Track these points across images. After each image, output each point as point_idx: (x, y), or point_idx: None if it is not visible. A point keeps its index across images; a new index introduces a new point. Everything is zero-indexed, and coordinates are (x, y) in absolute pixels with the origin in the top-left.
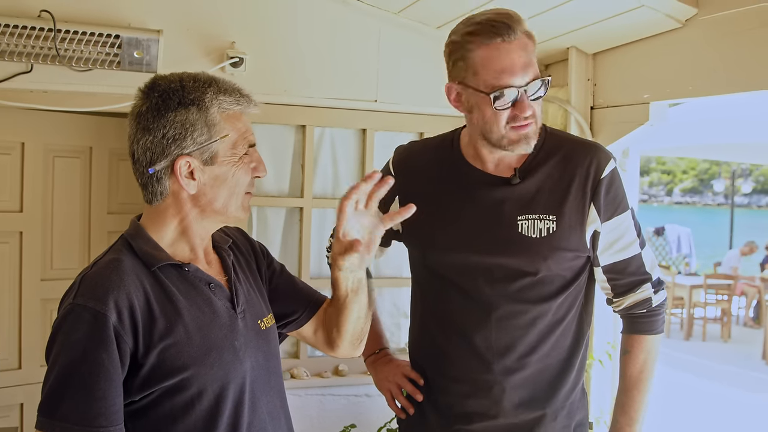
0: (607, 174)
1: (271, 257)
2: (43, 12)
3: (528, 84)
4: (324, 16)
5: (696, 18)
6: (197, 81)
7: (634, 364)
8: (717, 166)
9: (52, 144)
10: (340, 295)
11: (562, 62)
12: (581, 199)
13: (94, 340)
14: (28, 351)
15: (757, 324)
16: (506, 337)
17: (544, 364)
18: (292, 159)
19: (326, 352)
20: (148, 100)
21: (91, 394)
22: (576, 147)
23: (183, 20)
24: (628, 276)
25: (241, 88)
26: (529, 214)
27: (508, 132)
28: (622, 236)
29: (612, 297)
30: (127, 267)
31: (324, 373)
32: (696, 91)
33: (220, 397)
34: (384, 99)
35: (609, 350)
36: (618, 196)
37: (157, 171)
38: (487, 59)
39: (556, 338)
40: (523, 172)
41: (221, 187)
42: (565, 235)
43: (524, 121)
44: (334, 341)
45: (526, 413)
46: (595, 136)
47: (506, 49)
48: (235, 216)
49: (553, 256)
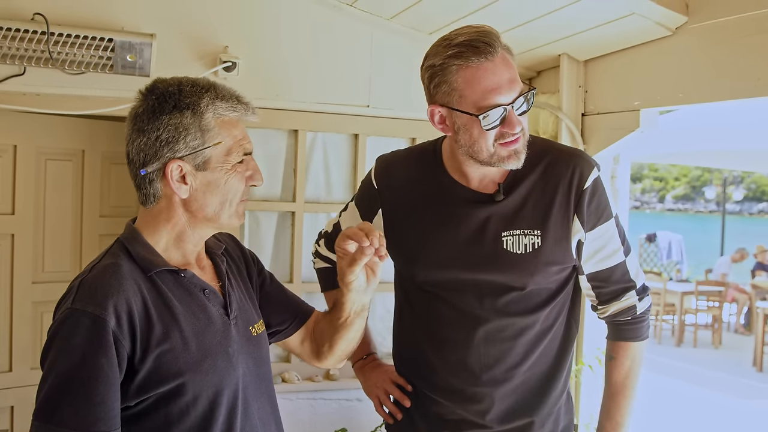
0: (589, 184)
1: (261, 265)
2: (36, 15)
3: (515, 100)
4: (317, 21)
5: (686, 26)
6: (195, 86)
7: (620, 370)
8: (709, 174)
9: (45, 147)
10: (342, 316)
11: (553, 69)
12: (565, 211)
13: (93, 344)
14: (19, 354)
15: (748, 331)
16: (495, 350)
17: (533, 373)
18: (284, 163)
19: (309, 362)
20: (145, 102)
21: (90, 399)
22: (558, 156)
23: (176, 24)
24: (613, 284)
25: (240, 95)
26: (513, 230)
27: (497, 149)
28: (606, 245)
29: (597, 304)
30: (126, 272)
31: (315, 378)
32: (686, 98)
33: (214, 404)
34: (376, 104)
35: (599, 355)
36: (601, 205)
37: (150, 173)
38: (472, 81)
39: (544, 347)
40: (507, 188)
41: (213, 194)
42: (550, 249)
43: (513, 137)
44: (323, 354)
45: (514, 421)
46: (586, 142)
47: (490, 68)
48: (228, 223)
49: (539, 272)
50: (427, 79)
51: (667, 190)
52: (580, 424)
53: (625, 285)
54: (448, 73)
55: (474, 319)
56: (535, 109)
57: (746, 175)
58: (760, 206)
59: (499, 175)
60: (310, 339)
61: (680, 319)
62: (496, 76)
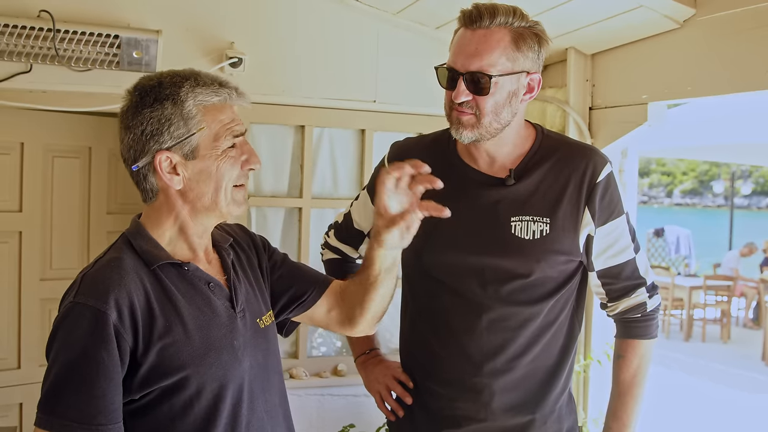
0: (602, 178)
1: (272, 249)
2: (42, 12)
3: (467, 72)
4: (323, 16)
5: (694, 18)
6: (175, 77)
7: (628, 369)
8: (717, 168)
9: (52, 144)
10: (372, 274)
11: (560, 63)
12: (576, 202)
13: (94, 338)
14: (28, 351)
15: (757, 325)
16: (497, 339)
17: (534, 367)
18: (291, 159)
19: (339, 330)
20: (130, 100)
21: (91, 392)
22: (572, 150)
23: (182, 20)
24: (623, 281)
25: (223, 80)
26: (522, 215)
27: (451, 113)
28: (616, 241)
29: (606, 302)
30: (128, 265)
31: (323, 373)
32: (694, 91)
33: (218, 397)
34: (383, 99)
35: (608, 350)
36: (613, 200)
37: (141, 168)
38: (452, 42)
39: (547, 341)
40: (519, 173)
41: (207, 182)
42: (558, 238)
43: (457, 107)
44: (355, 319)
45: (515, 417)
46: (593, 136)
47: (467, 36)
48: (228, 211)
49: (546, 259)
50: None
51: (675, 184)
52: (588, 419)
53: (636, 282)
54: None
55: (478, 306)
56: (543, 103)
57: (755, 169)
58: None
59: (510, 160)
60: (339, 306)
61: (689, 314)
62: (462, 43)
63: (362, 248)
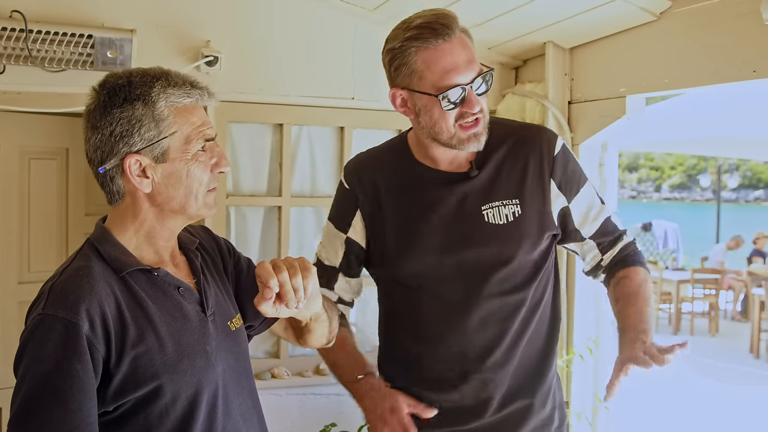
0: (559, 150)
1: (237, 254)
2: (14, 12)
3: (473, 80)
4: (299, 13)
5: (670, 11)
6: (146, 75)
7: (633, 282)
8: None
9: (28, 146)
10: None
11: (539, 57)
12: (540, 178)
13: (67, 351)
14: (6, 354)
15: (745, 318)
16: (491, 332)
17: (528, 351)
18: (270, 158)
19: (298, 345)
20: (97, 98)
21: (66, 407)
22: (524, 131)
23: (157, 19)
24: (611, 234)
25: (194, 80)
26: (492, 201)
27: (457, 131)
28: (592, 206)
29: (602, 256)
30: (97, 273)
31: (305, 373)
32: (672, 83)
33: (194, 403)
34: (361, 96)
35: (590, 345)
36: (576, 169)
37: (108, 170)
38: (430, 62)
39: (536, 322)
40: (479, 163)
41: (177, 186)
42: (531, 216)
43: (473, 117)
44: (307, 343)
45: (516, 403)
46: (572, 130)
47: (448, 49)
48: (198, 214)
49: (525, 239)
50: (388, 62)
51: (664, 179)
52: (572, 414)
53: (620, 231)
54: (408, 55)
55: (464, 307)
56: (522, 98)
57: (741, 162)
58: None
59: (468, 154)
60: (293, 327)
61: (677, 308)
62: (453, 57)
63: (338, 286)
